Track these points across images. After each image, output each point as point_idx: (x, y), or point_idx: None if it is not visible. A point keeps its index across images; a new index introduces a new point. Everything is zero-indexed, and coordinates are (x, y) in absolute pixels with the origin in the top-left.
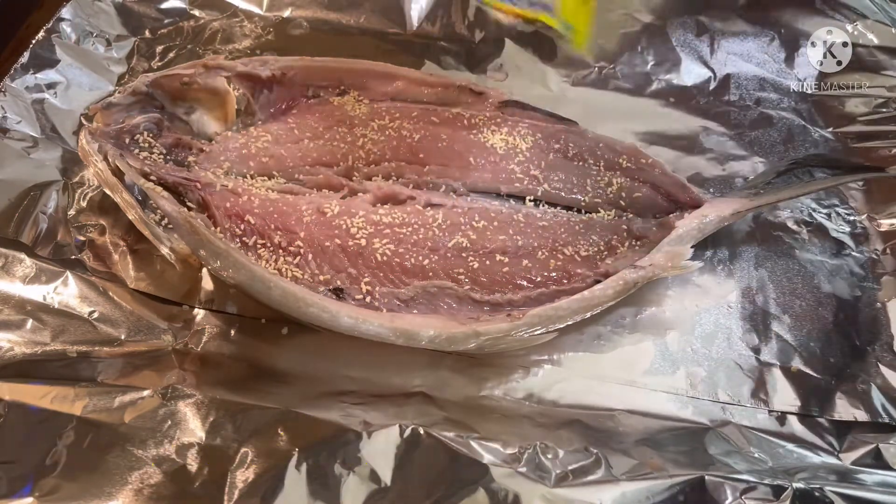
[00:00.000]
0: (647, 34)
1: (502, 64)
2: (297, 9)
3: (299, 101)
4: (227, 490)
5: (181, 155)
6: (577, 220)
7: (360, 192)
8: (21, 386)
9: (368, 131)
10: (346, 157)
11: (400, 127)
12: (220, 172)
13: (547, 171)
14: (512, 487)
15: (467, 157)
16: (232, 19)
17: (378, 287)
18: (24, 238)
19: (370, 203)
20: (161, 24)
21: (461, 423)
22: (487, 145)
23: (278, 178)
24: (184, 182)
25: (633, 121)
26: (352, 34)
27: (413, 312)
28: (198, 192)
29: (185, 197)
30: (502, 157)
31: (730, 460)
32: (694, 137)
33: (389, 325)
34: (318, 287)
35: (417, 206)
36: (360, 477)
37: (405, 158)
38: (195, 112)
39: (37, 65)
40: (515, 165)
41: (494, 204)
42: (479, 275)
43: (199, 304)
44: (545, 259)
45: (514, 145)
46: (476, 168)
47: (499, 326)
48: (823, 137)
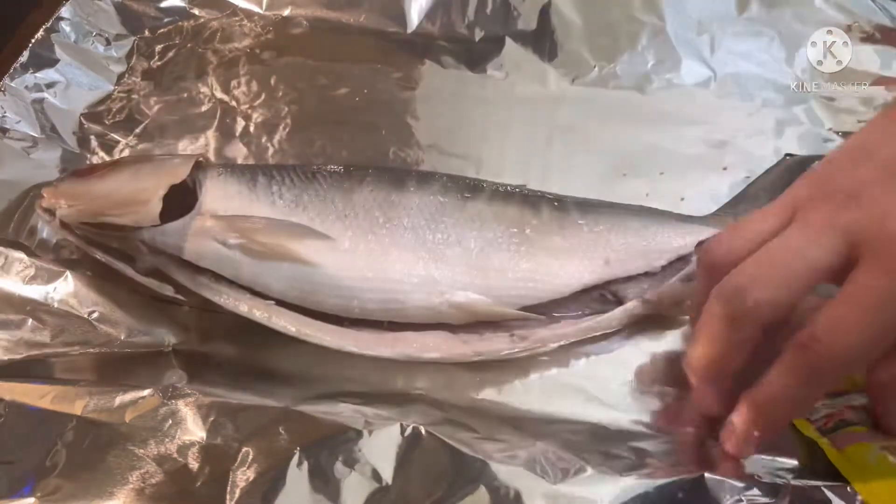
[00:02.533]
0: (648, 33)
1: (503, 63)
2: (296, 7)
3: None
4: (229, 489)
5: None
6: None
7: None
8: (21, 386)
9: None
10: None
11: None
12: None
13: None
14: (513, 485)
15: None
16: (231, 18)
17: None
18: (23, 238)
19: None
20: (161, 22)
21: (462, 422)
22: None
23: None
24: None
25: (634, 120)
26: (352, 33)
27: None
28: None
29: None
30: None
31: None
32: (694, 137)
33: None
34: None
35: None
36: (362, 475)
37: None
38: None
39: (36, 64)
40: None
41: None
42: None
43: (199, 303)
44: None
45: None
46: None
47: (499, 347)
48: (824, 137)
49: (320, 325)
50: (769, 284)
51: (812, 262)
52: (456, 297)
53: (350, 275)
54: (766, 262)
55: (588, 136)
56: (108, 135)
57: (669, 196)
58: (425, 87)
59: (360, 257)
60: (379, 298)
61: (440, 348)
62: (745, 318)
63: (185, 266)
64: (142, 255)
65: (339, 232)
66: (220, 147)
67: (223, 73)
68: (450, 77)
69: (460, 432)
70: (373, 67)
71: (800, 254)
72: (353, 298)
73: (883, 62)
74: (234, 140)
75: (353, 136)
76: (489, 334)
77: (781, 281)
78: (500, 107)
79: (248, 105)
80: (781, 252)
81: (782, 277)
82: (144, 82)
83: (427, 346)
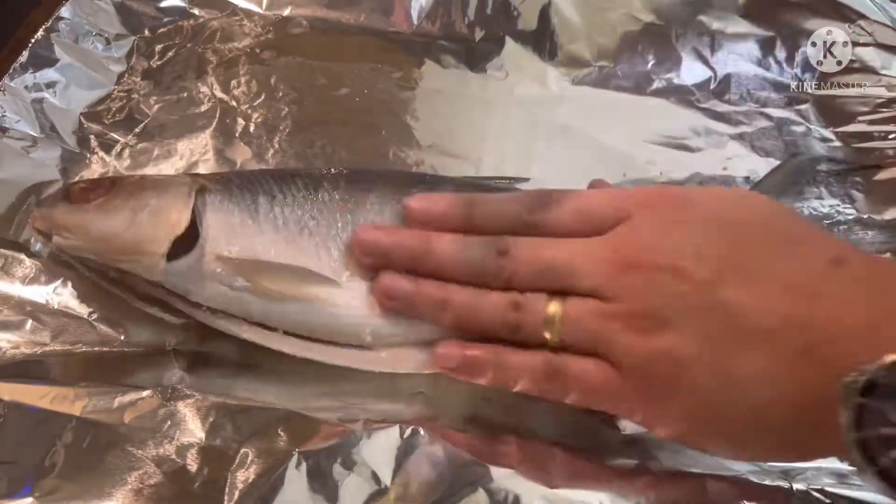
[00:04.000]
0: (648, 33)
1: (503, 63)
2: (296, 7)
3: None
4: (228, 490)
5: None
6: None
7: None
8: (21, 386)
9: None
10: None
11: None
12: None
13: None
14: (512, 488)
15: None
16: (231, 18)
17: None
18: (23, 238)
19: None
20: (160, 22)
21: (462, 423)
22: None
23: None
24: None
25: (634, 120)
26: (352, 33)
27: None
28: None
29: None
30: None
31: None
32: (695, 137)
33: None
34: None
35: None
36: (360, 477)
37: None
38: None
39: (36, 64)
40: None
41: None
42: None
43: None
44: None
45: None
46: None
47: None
48: (824, 137)
49: (322, 348)
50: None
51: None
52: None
53: (360, 304)
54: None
55: (588, 136)
56: (108, 134)
57: None
58: (425, 87)
59: (369, 289)
60: (391, 326)
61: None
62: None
63: (189, 302)
64: (143, 287)
65: (348, 263)
66: (219, 147)
67: (223, 72)
68: (450, 77)
69: (460, 433)
70: (373, 67)
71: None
72: (366, 326)
73: (883, 62)
74: (234, 140)
75: (353, 137)
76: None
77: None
78: (500, 107)
79: (248, 105)
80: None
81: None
82: (144, 82)
83: (430, 361)
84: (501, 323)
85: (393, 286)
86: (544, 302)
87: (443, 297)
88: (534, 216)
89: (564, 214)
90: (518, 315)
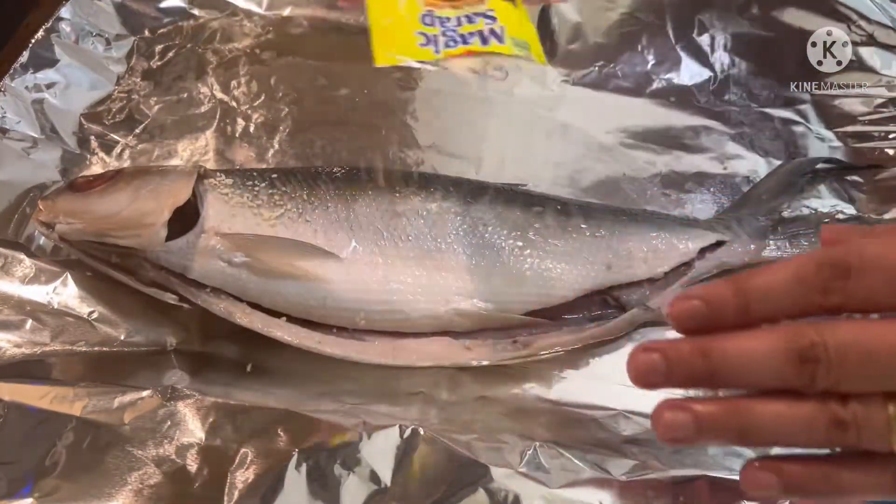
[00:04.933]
0: (648, 33)
1: (503, 63)
2: (296, 7)
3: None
4: (227, 490)
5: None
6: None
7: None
8: (21, 386)
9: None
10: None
11: None
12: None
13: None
14: (512, 488)
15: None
16: (231, 18)
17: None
18: (23, 238)
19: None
20: (160, 23)
21: (462, 423)
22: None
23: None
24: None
25: (633, 120)
26: (352, 33)
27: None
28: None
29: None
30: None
31: (730, 461)
32: (694, 136)
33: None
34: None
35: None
36: (360, 477)
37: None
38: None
39: (36, 64)
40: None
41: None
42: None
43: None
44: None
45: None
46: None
47: (503, 354)
48: (824, 137)
49: (321, 337)
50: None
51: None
52: (461, 305)
53: (355, 288)
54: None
55: (588, 135)
56: (108, 135)
57: (670, 197)
58: (425, 87)
59: (364, 270)
60: (384, 310)
61: (442, 355)
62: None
63: (188, 281)
64: (144, 269)
65: (343, 245)
66: (219, 147)
67: (223, 73)
68: (450, 77)
69: (460, 434)
70: (373, 67)
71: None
72: (359, 311)
73: (883, 62)
74: (234, 140)
75: (353, 137)
76: (492, 341)
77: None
78: (500, 107)
79: (248, 105)
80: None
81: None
82: (144, 82)
83: (430, 353)
84: (825, 443)
85: (674, 420)
86: (880, 407)
87: (742, 424)
88: (832, 292)
89: (875, 281)
90: (847, 435)
